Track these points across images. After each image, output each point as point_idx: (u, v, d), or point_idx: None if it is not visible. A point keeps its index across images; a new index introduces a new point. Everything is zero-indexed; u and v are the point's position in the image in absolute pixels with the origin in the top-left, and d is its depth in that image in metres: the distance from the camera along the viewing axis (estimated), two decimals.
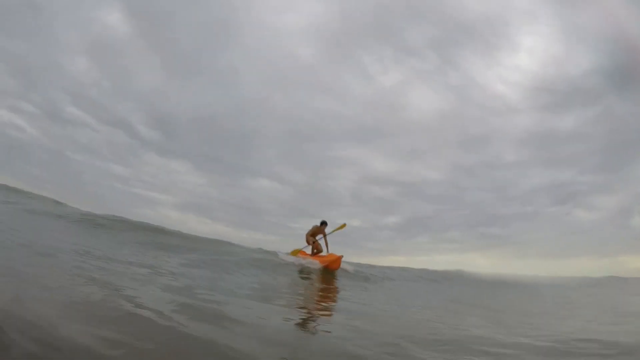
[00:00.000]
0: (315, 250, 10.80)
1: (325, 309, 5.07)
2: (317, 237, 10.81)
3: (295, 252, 10.82)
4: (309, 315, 4.19)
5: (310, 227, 10.92)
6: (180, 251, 8.35)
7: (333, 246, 10.66)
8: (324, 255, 10.53)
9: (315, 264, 9.79)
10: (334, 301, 5.99)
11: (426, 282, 12.22)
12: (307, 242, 10.86)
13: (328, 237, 10.79)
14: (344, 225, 10.81)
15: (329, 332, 3.38)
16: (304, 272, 8.85)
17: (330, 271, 9.55)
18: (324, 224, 10.86)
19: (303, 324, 3.59)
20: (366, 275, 10.43)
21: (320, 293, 6.74)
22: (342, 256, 9.87)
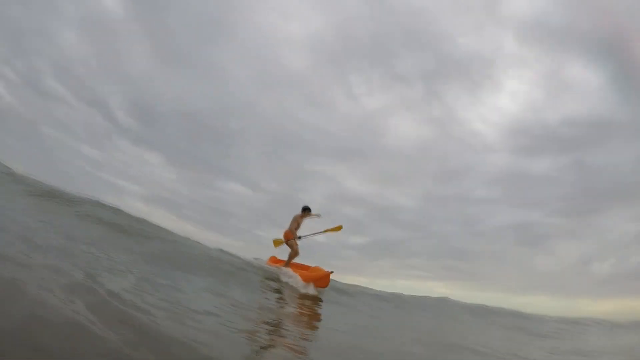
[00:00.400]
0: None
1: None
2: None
3: (278, 242, 9.04)
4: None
5: (290, 222, 8.98)
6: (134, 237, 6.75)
7: (303, 259, 9.01)
8: (306, 268, 8.78)
9: (296, 279, 7.91)
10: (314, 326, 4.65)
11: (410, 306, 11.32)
12: (288, 236, 8.83)
13: (319, 236, 9.06)
14: (340, 227, 9.06)
15: None
16: (272, 279, 7.57)
17: (316, 290, 7.78)
18: (306, 210, 9.00)
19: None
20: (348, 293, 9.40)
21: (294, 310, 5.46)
22: (332, 272, 7.89)
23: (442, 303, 12.68)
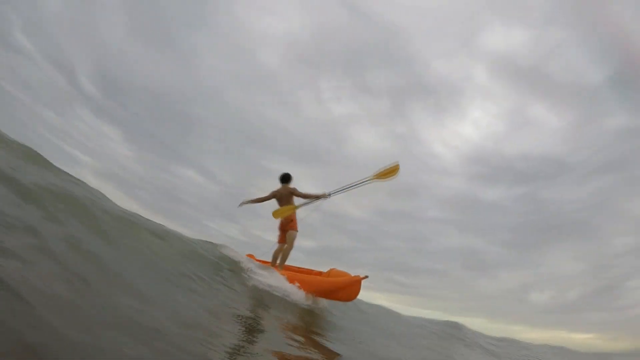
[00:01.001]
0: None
1: None
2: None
3: (283, 212, 6.06)
4: None
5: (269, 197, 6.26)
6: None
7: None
8: (308, 272, 6.28)
9: (294, 292, 5.21)
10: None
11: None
12: (290, 224, 6.15)
13: (355, 188, 5.84)
14: (397, 167, 5.81)
15: None
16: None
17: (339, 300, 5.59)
18: (286, 179, 6.28)
19: None
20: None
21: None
22: (366, 277, 5.28)
23: (377, 310, 12.65)
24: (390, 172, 5.71)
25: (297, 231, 6.08)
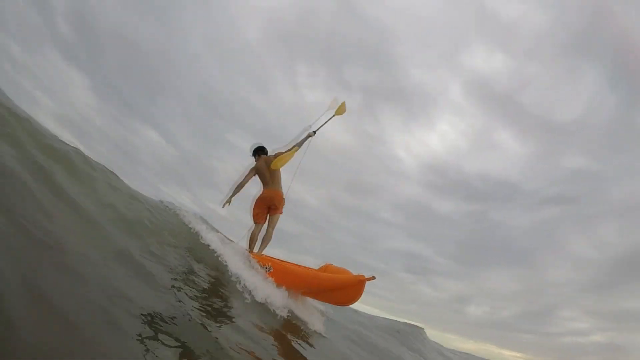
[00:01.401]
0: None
1: None
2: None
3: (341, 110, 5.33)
4: None
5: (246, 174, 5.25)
6: None
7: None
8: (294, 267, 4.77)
9: (276, 292, 4.18)
10: None
11: None
12: (276, 198, 5.16)
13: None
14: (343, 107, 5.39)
15: None
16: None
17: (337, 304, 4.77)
18: (264, 150, 5.40)
19: None
20: None
21: None
22: (373, 277, 4.10)
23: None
24: (342, 109, 5.38)
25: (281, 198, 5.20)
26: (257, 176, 5.24)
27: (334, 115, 5.35)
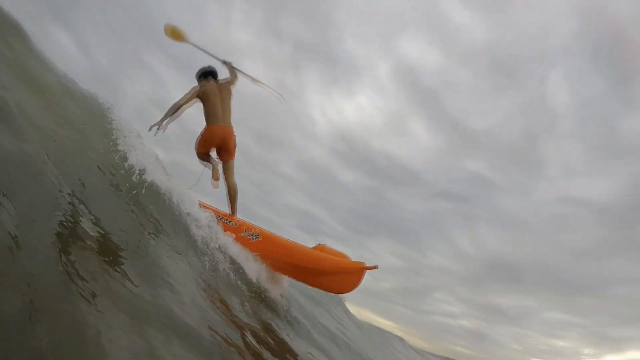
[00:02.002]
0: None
1: None
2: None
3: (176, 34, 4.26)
4: None
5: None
6: None
7: None
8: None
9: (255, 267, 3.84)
10: None
11: None
12: (226, 136, 4.09)
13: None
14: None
15: None
16: None
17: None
18: (214, 74, 4.26)
19: None
20: None
21: None
22: (376, 267, 3.74)
23: None
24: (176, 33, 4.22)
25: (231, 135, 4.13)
26: (203, 107, 4.07)
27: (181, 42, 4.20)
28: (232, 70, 4.24)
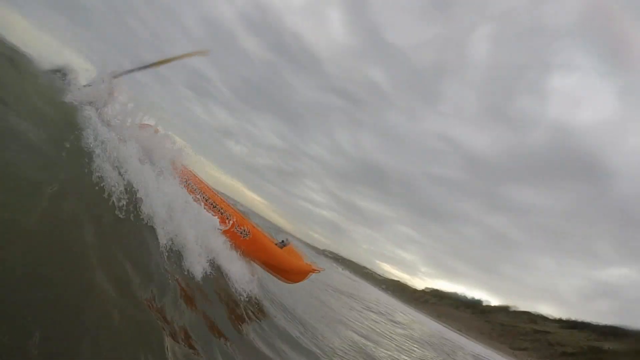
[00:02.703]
0: None
1: None
2: None
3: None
4: None
5: None
6: None
7: None
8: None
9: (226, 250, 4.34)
10: None
11: None
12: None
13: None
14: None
15: None
16: None
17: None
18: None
19: None
20: None
21: None
22: (322, 269, 5.01)
23: None
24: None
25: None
26: None
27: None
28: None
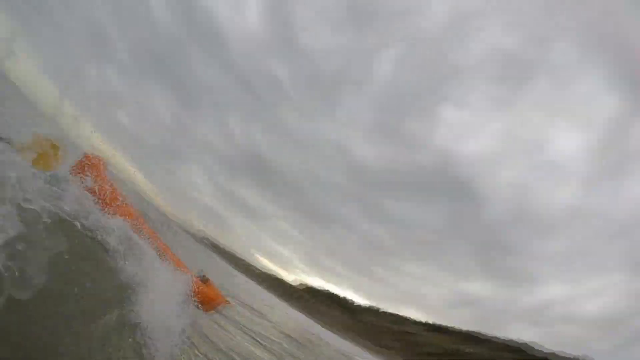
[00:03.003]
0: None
1: None
2: None
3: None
4: None
5: None
6: None
7: None
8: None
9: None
10: None
11: None
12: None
13: None
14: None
15: None
16: None
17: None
18: None
19: None
20: None
21: None
22: (228, 302, 6.10)
23: None
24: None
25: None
26: None
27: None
28: None
